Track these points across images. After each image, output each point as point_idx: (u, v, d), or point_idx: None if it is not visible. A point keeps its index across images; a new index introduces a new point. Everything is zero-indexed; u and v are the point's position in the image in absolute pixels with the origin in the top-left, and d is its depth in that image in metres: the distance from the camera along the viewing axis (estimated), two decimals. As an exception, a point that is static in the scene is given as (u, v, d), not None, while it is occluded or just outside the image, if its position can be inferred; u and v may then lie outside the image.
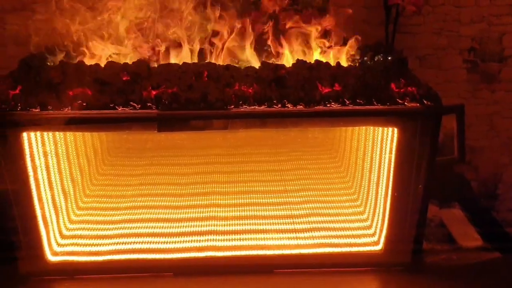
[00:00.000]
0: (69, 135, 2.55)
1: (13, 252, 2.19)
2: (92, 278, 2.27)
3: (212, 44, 2.42)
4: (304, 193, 2.79)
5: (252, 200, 2.72)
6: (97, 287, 2.24)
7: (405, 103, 2.02)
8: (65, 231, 2.41)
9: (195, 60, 2.38)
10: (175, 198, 2.74)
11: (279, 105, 2.01)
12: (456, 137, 2.99)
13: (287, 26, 2.44)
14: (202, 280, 2.25)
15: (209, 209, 2.62)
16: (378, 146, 2.33)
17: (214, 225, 2.49)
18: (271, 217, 2.57)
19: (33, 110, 1.96)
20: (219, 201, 2.70)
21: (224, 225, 2.49)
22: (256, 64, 2.37)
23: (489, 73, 3.29)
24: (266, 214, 2.59)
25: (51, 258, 2.25)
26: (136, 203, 2.70)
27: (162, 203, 2.70)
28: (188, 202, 2.70)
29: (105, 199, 2.75)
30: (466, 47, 3.24)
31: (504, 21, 3.19)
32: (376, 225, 2.36)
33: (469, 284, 2.25)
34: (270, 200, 2.74)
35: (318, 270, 2.30)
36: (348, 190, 2.81)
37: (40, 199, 2.18)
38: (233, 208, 2.63)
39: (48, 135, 2.28)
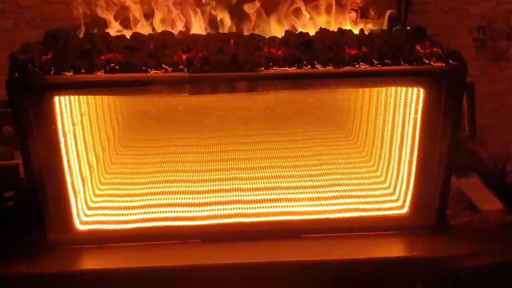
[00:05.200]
0: (92, 107, 2.57)
1: (40, 220, 2.19)
2: (120, 246, 2.28)
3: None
4: (323, 167, 2.81)
5: (272, 174, 2.74)
6: (125, 255, 2.24)
7: (431, 63, 2.06)
8: (90, 203, 2.42)
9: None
10: (197, 173, 2.76)
11: (309, 66, 2.04)
12: (467, 115, 3.06)
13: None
14: (230, 245, 2.26)
15: (233, 182, 2.64)
16: (400, 110, 2.36)
17: (240, 195, 2.51)
18: (294, 187, 2.59)
19: (67, 73, 1.98)
20: (242, 174, 2.73)
21: (250, 195, 2.52)
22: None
23: (497, 51, 3.35)
24: (288, 185, 2.61)
25: (79, 227, 2.25)
26: (159, 178, 2.72)
27: (186, 177, 2.72)
28: (212, 176, 2.72)
29: (126, 175, 2.76)
30: (475, 25, 3.29)
31: (513, -1, 3.26)
32: (400, 190, 2.39)
33: (493, 244, 2.28)
34: (290, 172, 2.76)
35: (345, 234, 2.33)
36: (367, 163, 2.85)
37: (69, 167, 2.18)
38: (256, 181, 2.65)
39: (75, 105, 2.30)
